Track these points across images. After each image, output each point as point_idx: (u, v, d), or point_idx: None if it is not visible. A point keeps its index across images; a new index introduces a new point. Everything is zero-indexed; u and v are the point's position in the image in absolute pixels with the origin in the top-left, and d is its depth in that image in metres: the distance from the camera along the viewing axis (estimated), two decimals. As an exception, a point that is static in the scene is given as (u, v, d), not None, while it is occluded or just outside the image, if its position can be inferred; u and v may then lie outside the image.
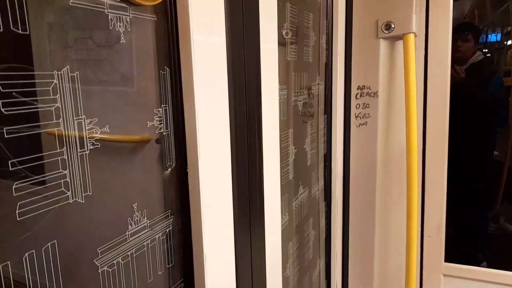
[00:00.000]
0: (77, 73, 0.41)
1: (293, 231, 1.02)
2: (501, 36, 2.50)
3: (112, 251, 0.47)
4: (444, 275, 1.44)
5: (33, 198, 0.38)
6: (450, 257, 1.44)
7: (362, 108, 1.26)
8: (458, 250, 1.60)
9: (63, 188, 0.41)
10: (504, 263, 1.45)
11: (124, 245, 0.49)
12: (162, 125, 0.54)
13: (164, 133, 0.55)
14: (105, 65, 0.45)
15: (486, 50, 2.45)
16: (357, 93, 1.26)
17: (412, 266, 1.23)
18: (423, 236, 1.41)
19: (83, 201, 0.43)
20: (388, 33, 1.18)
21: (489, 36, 2.52)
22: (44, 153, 0.39)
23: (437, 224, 1.39)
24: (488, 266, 1.48)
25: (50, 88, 0.39)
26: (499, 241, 2.23)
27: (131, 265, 0.50)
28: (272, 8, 0.74)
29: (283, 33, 0.88)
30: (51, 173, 0.40)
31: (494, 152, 2.22)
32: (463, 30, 2.14)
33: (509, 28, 2.46)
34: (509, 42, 2.46)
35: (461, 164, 1.93)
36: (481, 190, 2.17)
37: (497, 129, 2.21)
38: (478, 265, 1.61)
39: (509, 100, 2.23)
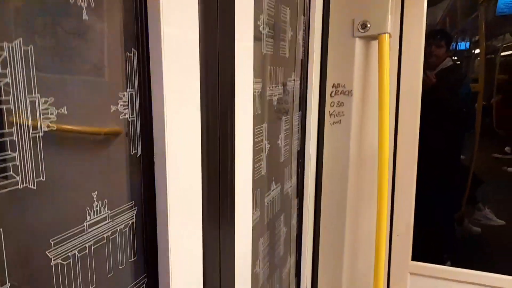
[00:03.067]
0: (31, 47, 0.38)
1: (264, 227, 1.01)
2: (470, 45, 2.59)
3: (67, 243, 0.43)
4: (411, 274, 1.47)
5: (-24, 182, 0.34)
6: (417, 256, 1.48)
7: (336, 106, 1.26)
8: (424, 250, 1.64)
9: (11, 172, 0.37)
10: (467, 263, 1.50)
11: (81, 236, 0.45)
12: (127, 110, 0.51)
13: (129, 119, 0.52)
14: (64, 41, 0.42)
15: (456, 58, 2.53)
16: (332, 91, 1.26)
17: (380, 264, 1.24)
18: (392, 235, 1.43)
19: (35, 187, 0.39)
20: (364, 32, 1.19)
21: (458, 44, 2.61)
22: (-10, 133, 0.35)
23: (406, 223, 1.42)
24: (452, 266, 1.53)
25: (-1, 61, 0.35)
26: (463, 242, 2.31)
27: (89, 258, 0.47)
28: (248, -2, 0.72)
29: (260, 26, 0.87)
30: (-2, 155, 0.36)
31: (461, 156, 2.29)
32: (435, 36, 2.20)
33: (477, 37, 2.55)
34: (477, 51, 2.56)
35: (430, 166, 1.98)
36: (448, 192, 2.24)
37: (464, 134, 2.28)
38: (443, 264, 1.66)
39: (476, 106, 2.31)
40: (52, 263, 0.42)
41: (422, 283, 1.47)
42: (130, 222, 0.53)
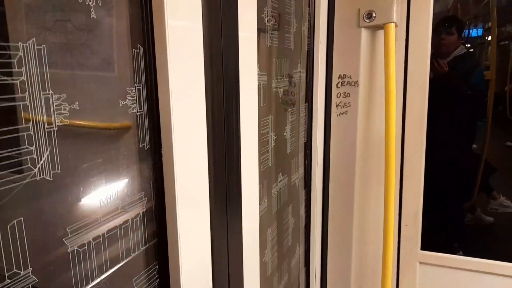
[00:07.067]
0: (43, 46, 0.40)
1: (272, 218, 1.03)
2: (482, 32, 2.54)
3: (82, 231, 0.46)
4: (420, 263, 1.48)
5: (-3, 174, 0.37)
6: (426, 245, 1.48)
7: (343, 97, 1.27)
8: (435, 239, 1.64)
9: (29, 165, 0.40)
10: (479, 253, 1.49)
11: (95, 225, 0.48)
12: (135, 104, 0.53)
13: (137, 113, 0.54)
14: (74, 39, 0.44)
15: (469, 45, 2.49)
16: (338, 82, 1.27)
17: (388, 253, 1.26)
18: (401, 224, 1.44)
19: (51, 179, 0.42)
20: (370, 22, 1.18)
21: (471, 31, 2.56)
22: (9, 128, 0.38)
23: (414, 213, 1.42)
24: (464, 256, 1.52)
25: (15, 61, 0.38)
26: (475, 232, 2.29)
27: (103, 246, 0.50)
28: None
29: (265, 19, 0.88)
30: (17, 148, 0.38)
31: (473, 144, 2.27)
32: (447, 23, 2.16)
33: (490, 24, 2.50)
34: (489, 38, 2.51)
35: (439, 154, 1.97)
36: (459, 181, 2.22)
37: (476, 122, 2.26)
38: (454, 254, 1.66)
39: (488, 94, 2.27)
40: (69, 250, 0.45)
41: (431, 272, 1.48)
42: (141, 212, 0.56)
